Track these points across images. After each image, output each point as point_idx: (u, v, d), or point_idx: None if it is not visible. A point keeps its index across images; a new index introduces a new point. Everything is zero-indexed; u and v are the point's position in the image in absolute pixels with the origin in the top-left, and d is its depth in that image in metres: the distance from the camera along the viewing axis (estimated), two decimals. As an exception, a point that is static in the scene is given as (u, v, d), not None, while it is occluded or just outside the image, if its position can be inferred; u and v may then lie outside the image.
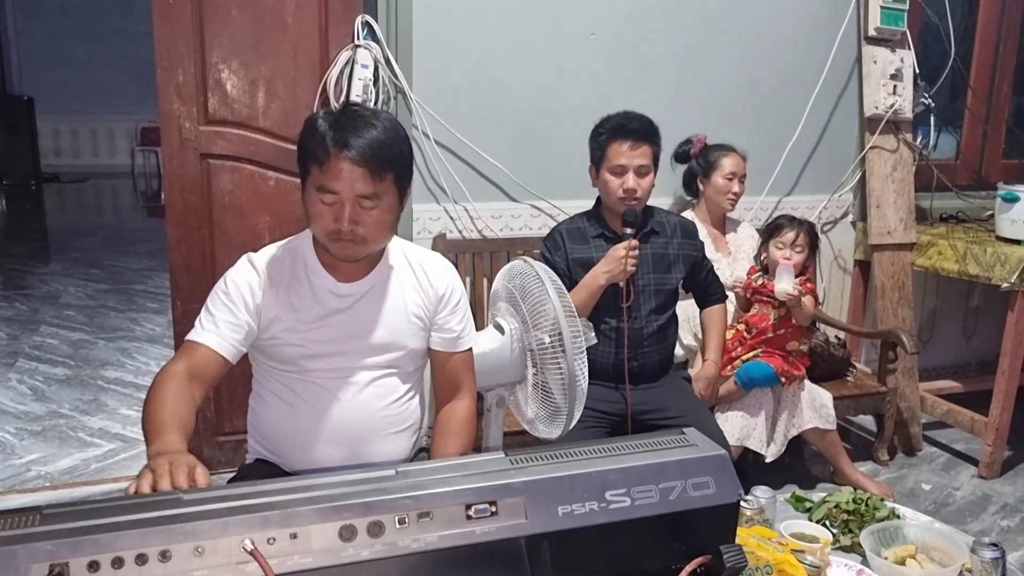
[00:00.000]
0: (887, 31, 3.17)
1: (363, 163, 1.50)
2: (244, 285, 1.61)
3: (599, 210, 2.51)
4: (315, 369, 1.65)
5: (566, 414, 1.96)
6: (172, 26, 2.63)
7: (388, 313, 1.68)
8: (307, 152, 1.54)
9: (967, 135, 3.70)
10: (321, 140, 1.51)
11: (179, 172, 2.71)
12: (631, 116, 2.40)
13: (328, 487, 0.97)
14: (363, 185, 1.51)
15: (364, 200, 1.52)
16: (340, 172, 1.50)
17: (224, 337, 1.58)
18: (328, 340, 1.64)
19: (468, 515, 0.98)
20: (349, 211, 1.52)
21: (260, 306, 1.61)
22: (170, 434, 1.35)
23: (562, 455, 1.06)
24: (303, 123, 1.59)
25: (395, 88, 2.77)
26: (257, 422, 1.73)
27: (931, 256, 3.19)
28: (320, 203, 1.54)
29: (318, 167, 1.52)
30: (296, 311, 1.63)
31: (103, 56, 10.35)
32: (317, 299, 1.64)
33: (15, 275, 5.87)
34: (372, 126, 1.52)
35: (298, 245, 1.70)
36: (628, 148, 2.35)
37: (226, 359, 1.58)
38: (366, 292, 1.67)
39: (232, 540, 0.90)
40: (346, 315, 1.65)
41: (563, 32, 2.94)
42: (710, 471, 1.08)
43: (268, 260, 1.66)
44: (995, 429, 2.95)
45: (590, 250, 2.44)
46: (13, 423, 3.27)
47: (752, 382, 2.70)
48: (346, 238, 1.54)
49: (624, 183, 2.36)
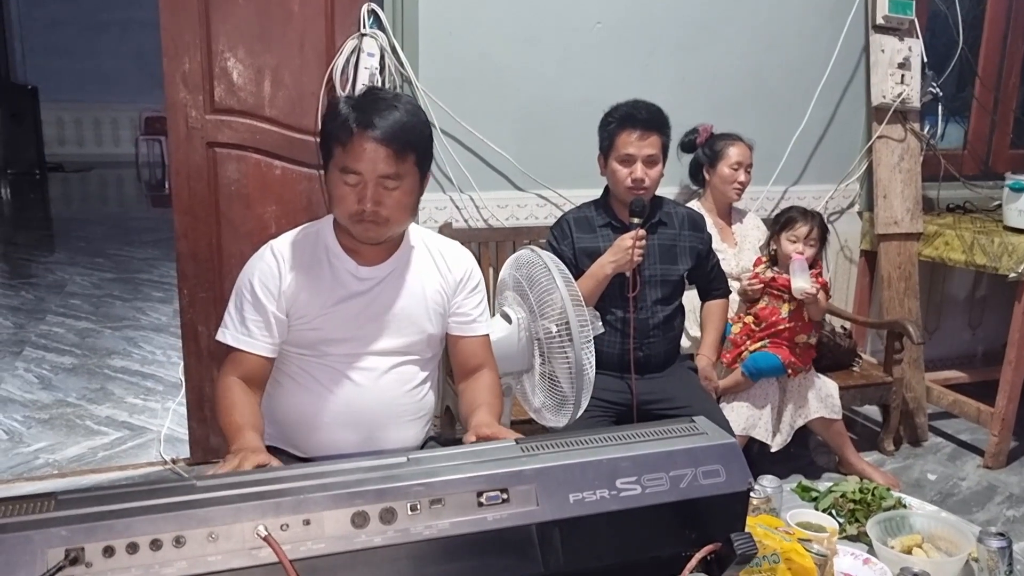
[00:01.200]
0: (895, 19, 3.16)
1: (386, 143, 1.52)
2: (269, 279, 1.64)
3: (607, 199, 2.51)
4: (334, 353, 1.67)
5: (573, 403, 1.97)
6: (178, 15, 2.62)
7: (407, 297, 1.69)
8: (330, 135, 1.56)
9: (975, 125, 3.68)
10: (344, 122, 1.53)
11: (186, 161, 2.71)
12: (640, 105, 2.39)
13: (340, 474, 0.97)
14: (385, 165, 1.53)
15: (387, 180, 1.55)
16: (363, 152, 1.52)
17: (263, 339, 1.64)
18: (348, 323, 1.66)
19: (480, 502, 0.98)
20: (372, 192, 1.54)
21: (285, 292, 1.64)
22: (247, 433, 1.50)
23: (573, 443, 1.07)
24: (327, 108, 1.61)
25: (401, 77, 2.77)
26: (271, 406, 1.74)
27: (938, 246, 3.19)
28: (343, 184, 1.56)
29: (341, 148, 1.54)
30: (318, 294, 1.65)
31: (107, 45, 10.34)
32: (338, 281, 1.66)
33: (20, 264, 5.88)
34: (395, 108, 1.54)
35: (319, 229, 1.72)
36: (637, 138, 2.34)
37: (270, 358, 1.66)
38: (386, 276, 1.69)
39: (245, 526, 0.90)
40: (366, 298, 1.67)
41: (569, 21, 2.93)
42: (720, 459, 1.08)
43: (289, 244, 1.69)
44: (1001, 419, 2.95)
45: (597, 239, 2.44)
46: (21, 411, 3.29)
47: (759, 372, 2.69)
48: (369, 219, 1.57)
49: (632, 173, 2.35)
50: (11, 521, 0.86)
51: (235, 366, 1.63)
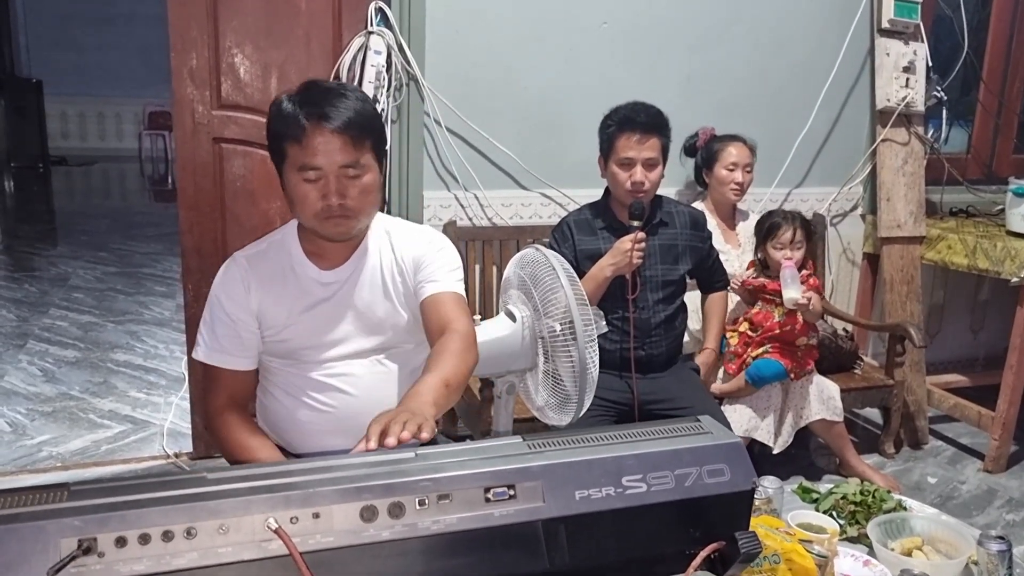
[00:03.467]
0: (900, 23, 3.16)
1: (341, 132, 1.48)
2: (236, 293, 1.61)
3: (607, 201, 2.51)
4: (313, 361, 1.65)
5: (576, 402, 1.97)
6: (186, 10, 2.63)
7: (372, 292, 1.66)
8: (281, 135, 1.52)
9: (978, 129, 3.69)
10: (294, 118, 1.49)
11: (192, 156, 2.72)
12: (639, 108, 2.39)
13: (349, 468, 0.98)
14: (344, 155, 1.49)
15: (348, 170, 1.51)
16: (320, 145, 1.48)
17: (239, 354, 1.62)
18: (319, 330, 1.63)
19: (487, 498, 0.99)
20: (335, 184, 1.51)
21: (252, 305, 1.62)
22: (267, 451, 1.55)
23: (579, 440, 1.07)
24: (270, 110, 1.55)
25: (407, 75, 2.77)
26: (266, 415, 1.75)
27: (940, 250, 3.20)
28: (304, 183, 1.51)
29: (296, 145, 1.50)
30: (284, 304, 1.63)
31: (112, 39, 10.34)
32: (303, 289, 1.63)
33: (24, 257, 5.89)
34: (343, 96, 1.51)
35: (283, 238, 1.68)
36: (636, 141, 2.34)
37: (251, 371, 1.65)
38: (348, 277, 1.65)
39: (256, 519, 0.91)
40: (332, 302, 1.64)
41: (575, 21, 2.94)
42: (725, 459, 1.09)
43: (254, 256, 1.66)
44: (1002, 423, 2.96)
45: (597, 241, 2.45)
46: (24, 404, 3.30)
47: (762, 380, 2.69)
48: (337, 214, 1.53)
49: (632, 176, 2.36)
50: (25, 511, 0.87)
51: (218, 387, 1.61)
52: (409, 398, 1.36)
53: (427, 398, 1.35)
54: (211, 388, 1.63)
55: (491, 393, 2.16)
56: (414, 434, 1.21)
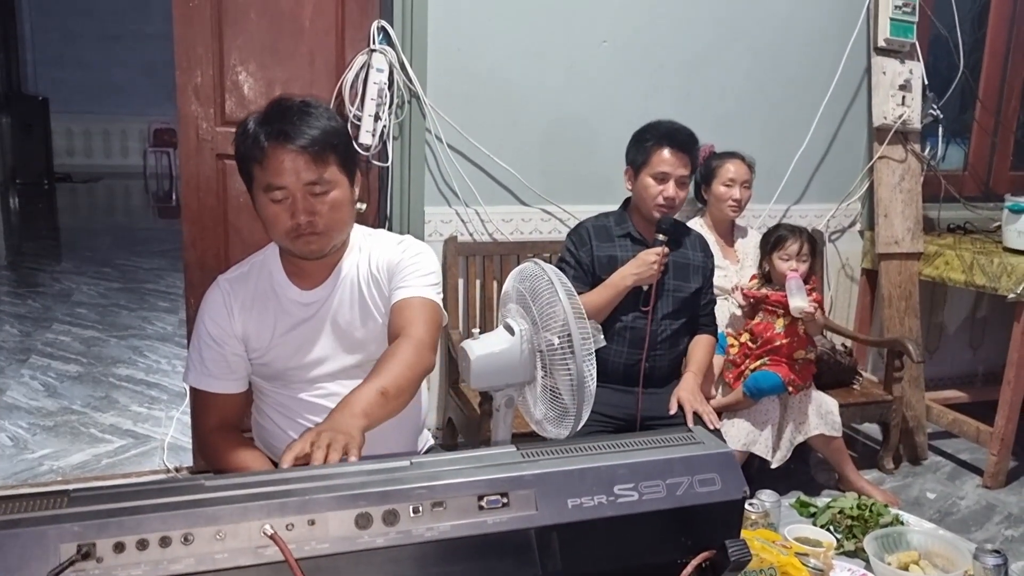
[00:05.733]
0: (896, 42, 3.20)
1: (302, 150, 1.47)
2: (220, 317, 1.62)
3: (625, 212, 2.55)
4: (301, 381, 1.65)
5: (574, 415, 1.98)
6: (192, 28, 2.67)
7: (352, 310, 1.65)
8: (245, 157, 1.53)
9: (975, 146, 3.72)
10: (255, 139, 1.49)
11: (195, 172, 2.75)
12: (679, 126, 2.45)
13: (345, 476, 1.00)
14: (308, 172, 1.49)
15: (314, 187, 1.50)
16: (282, 165, 1.48)
17: (227, 377, 1.63)
18: (302, 350, 1.64)
19: (480, 506, 1.00)
20: (302, 203, 1.50)
21: (236, 328, 1.63)
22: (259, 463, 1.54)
23: (571, 449, 1.09)
24: (236, 131, 1.56)
25: (409, 92, 2.81)
26: (262, 434, 1.76)
27: (938, 266, 3.21)
28: (271, 204, 1.51)
29: (260, 167, 1.50)
30: (270, 327, 1.63)
31: (118, 57, 10.44)
32: (284, 311, 1.64)
33: (28, 273, 5.93)
34: (305, 114, 1.51)
35: (264, 259, 1.69)
36: (674, 157, 2.39)
37: (240, 393, 1.65)
38: (328, 296, 1.65)
39: (252, 525, 0.92)
40: (312, 323, 1.64)
41: (576, 39, 2.98)
42: (716, 468, 1.10)
43: (236, 280, 1.66)
44: (1000, 439, 2.96)
45: (615, 248, 2.48)
46: (26, 418, 3.31)
47: (760, 392, 2.70)
48: (306, 231, 1.52)
49: (665, 191, 2.40)
50: (26, 516, 0.88)
51: (208, 410, 1.62)
52: (338, 411, 1.32)
53: (357, 409, 1.33)
54: (201, 411, 1.64)
55: (490, 407, 2.17)
56: (338, 459, 1.18)
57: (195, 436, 1.64)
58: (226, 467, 1.57)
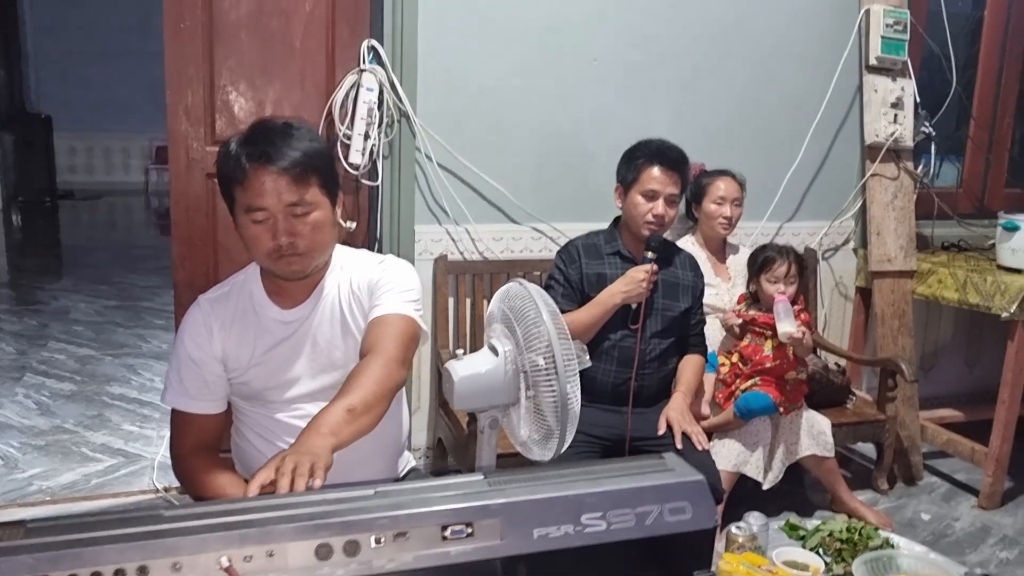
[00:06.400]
0: (888, 60, 3.20)
1: (283, 172, 1.49)
2: (200, 337, 1.62)
3: (615, 230, 2.55)
4: (278, 401, 1.65)
5: (558, 436, 1.97)
6: (183, 49, 2.68)
7: (331, 329, 1.65)
8: (227, 178, 1.54)
9: (970, 163, 3.71)
10: (237, 161, 1.50)
11: (185, 191, 2.75)
12: (669, 145, 2.46)
13: (306, 505, 0.99)
14: (289, 194, 1.50)
15: (295, 208, 1.51)
16: (263, 186, 1.49)
17: (205, 398, 1.63)
18: (281, 369, 1.63)
19: (444, 536, 0.99)
20: (283, 224, 1.51)
21: (216, 348, 1.63)
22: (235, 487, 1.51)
23: (540, 477, 1.08)
24: (219, 152, 1.58)
25: (399, 111, 2.81)
26: (241, 456, 1.75)
27: (931, 284, 3.19)
28: (253, 225, 1.52)
29: (241, 188, 1.51)
30: (249, 346, 1.63)
31: (120, 75, 10.50)
32: (264, 330, 1.64)
33: (26, 290, 5.94)
34: (287, 135, 1.52)
35: (246, 279, 1.69)
36: (664, 175, 2.40)
37: (218, 414, 1.65)
38: (308, 315, 1.65)
39: (210, 556, 0.91)
40: (292, 341, 1.64)
41: (566, 57, 2.98)
42: (687, 496, 1.09)
43: (217, 300, 1.66)
44: (995, 459, 2.94)
45: (604, 266, 2.48)
46: (18, 437, 3.31)
47: (751, 413, 2.67)
48: (288, 252, 1.53)
49: (654, 208, 2.40)
50: (-21, 548, 0.87)
51: (185, 431, 1.62)
52: (305, 432, 1.32)
53: (324, 429, 1.32)
54: (178, 432, 1.63)
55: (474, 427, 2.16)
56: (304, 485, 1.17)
57: (172, 457, 1.63)
58: (200, 490, 1.56)
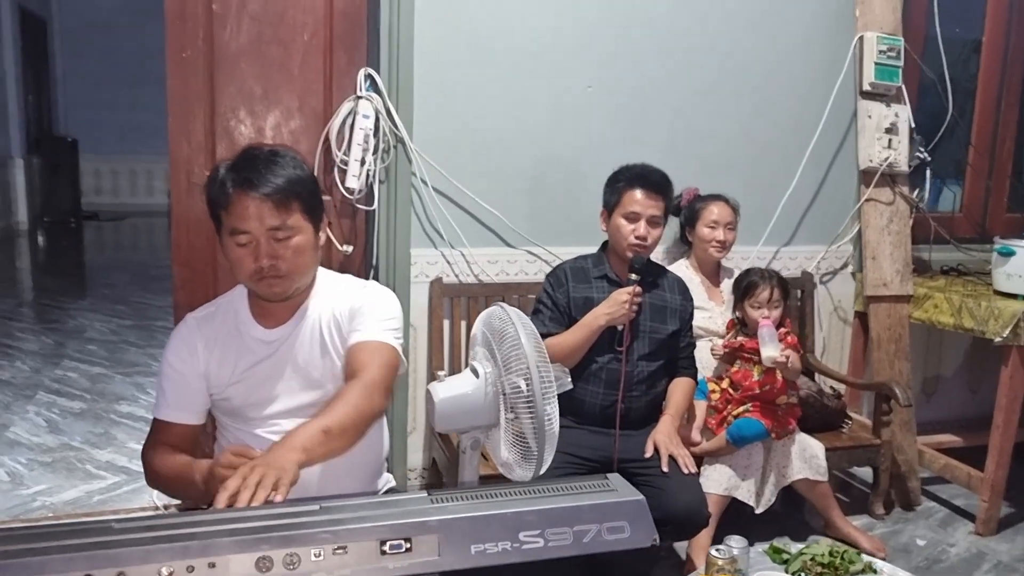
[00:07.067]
0: (882, 86, 3.22)
1: (266, 197, 1.56)
2: (185, 354, 1.69)
3: (604, 253, 2.60)
4: (257, 418, 1.71)
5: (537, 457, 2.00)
6: (186, 77, 2.77)
7: (312, 349, 1.71)
8: (213, 201, 1.61)
9: (970, 188, 3.71)
10: (223, 186, 1.58)
11: (186, 214, 2.83)
12: (651, 168, 2.52)
13: (251, 519, 1.03)
14: (271, 218, 1.57)
15: (276, 232, 1.58)
16: (246, 211, 1.56)
17: (186, 409, 1.69)
18: (260, 387, 1.70)
19: (383, 551, 1.02)
20: (265, 247, 1.58)
21: (200, 365, 1.69)
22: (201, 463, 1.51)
23: (482, 495, 1.11)
24: (208, 176, 1.65)
25: (395, 138, 2.87)
26: None
27: (927, 309, 3.19)
28: (236, 248, 1.60)
29: (226, 212, 1.59)
30: (231, 364, 1.69)
31: (144, 100, 10.71)
32: (246, 348, 1.70)
33: (45, 310, 6.07)
34: (272, 162, 1.59)
35: (232, 299, 1.77)
36: (645, 197, 2.45)
37: (197, 425, 1.71)
38: (289, 335, 1.71)
39: (153, 568, 0.95)
40: (272, 360, 1.70)
41: (561, 84, 3.03)
42: (626, 516, 1.12)
43: (203, 319, 1.74)
44: (990, 485, 2.91)
45: (591, 290, 2.51)
46: (25, 454, 3.38)
47: (743, 440, 2.66)
48: (269, 275, 1.60)
49: (636, 230, 2.45)
50: (-69, 556, 0.92)
51: (160, 437, 1.67)
52: (277, 445, 1.37)
53: (296, 443, 1.37)
54: (153, 438, 1.69)
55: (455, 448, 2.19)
56: (267, 497, 1.20)
57: (145, 457, 1.68)
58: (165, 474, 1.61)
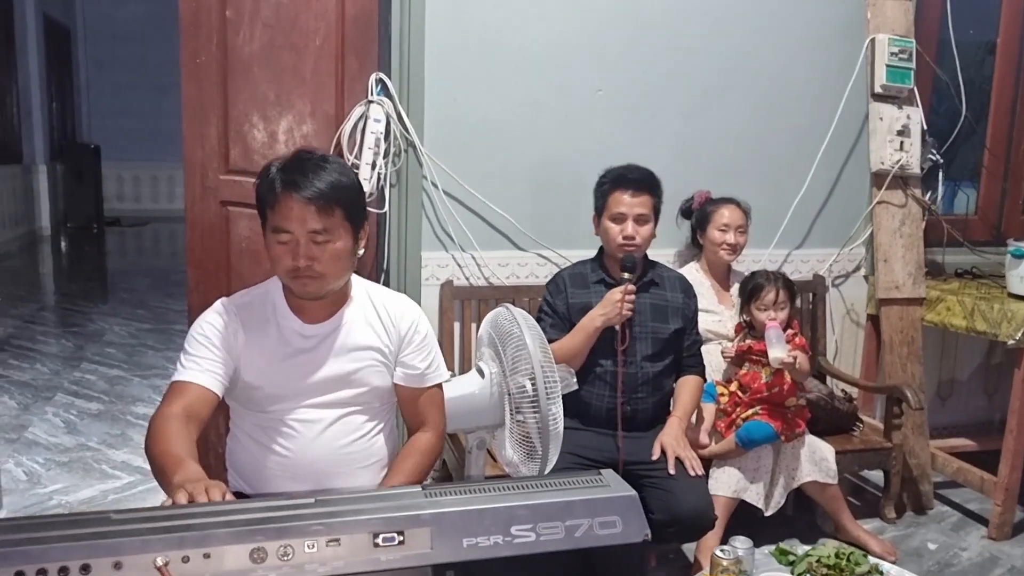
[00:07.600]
0: (894, 88, 3.20)
1: (310, 200, 1.61)
2: (221, 326, 1.71)
3: (600, 258, 2.61)
4: (282, 409, 1.73)
5: (541, 456, 2.01)
6: (199, 82, 2.81)
7: (351, 352, 1.76)
8: (261, 199, 1.68)
9: (985, 190, 3.67)
10: (271, 184, 1.64)
11: (200, 218, 2.87)
12: (632, 168, 2.53)
13: (247, 512, 1.05)
14: (313, 221, 1.62)
15: (316, 235, 1.63)
16: (291, 211, 1.62)
17: (208, 372, 1.67)
18: (292, 380, 1.72)
19: (376, 543, 1.04)
20: (304, 248, 1.63)
21: (233, 346, 1.71)
22: (191, 464, 1.47)
23: (475, 490, 1.13)
24: (259, 173, 1.71)
25: (406, 142, 2.90)
26: (234, 460, 1.84)
27: (940, 312, 3.16)
28: (277, 244, 1.66)
29: (271, 210, 1.65)
30: (264, 352, 1.72)
31: (167, 107, 10.85)
32: (284, 340, 1.74)
33: (66, 314, 6.16)
34: (319, 167, 1.65)
35: (268, 290, 1.81)
36: (628, 196, 2.47)
37: (215, 393, 1.68)
38: (330, 333, 1.75)
39: (149, 557, 0.98)
40: (310, 355, 1.74)
41: (571, 88, 3.05)
42: (618, 511, 1.13)
43: (240, 305, 1.77)
44: (1004, 489, 2.88)
45: (590, 295, 2.52)
46: (43, 454, 3.44)
47: (752, 443, 2.65)
48: (304, 274, 1.65)
49: (623, 230, 2.46)
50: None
51: (177, 396, 1.63)
52: None
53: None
54: (169, 395, 1.65)
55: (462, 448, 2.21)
56: None
57: (153, 418, 1.61)
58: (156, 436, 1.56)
